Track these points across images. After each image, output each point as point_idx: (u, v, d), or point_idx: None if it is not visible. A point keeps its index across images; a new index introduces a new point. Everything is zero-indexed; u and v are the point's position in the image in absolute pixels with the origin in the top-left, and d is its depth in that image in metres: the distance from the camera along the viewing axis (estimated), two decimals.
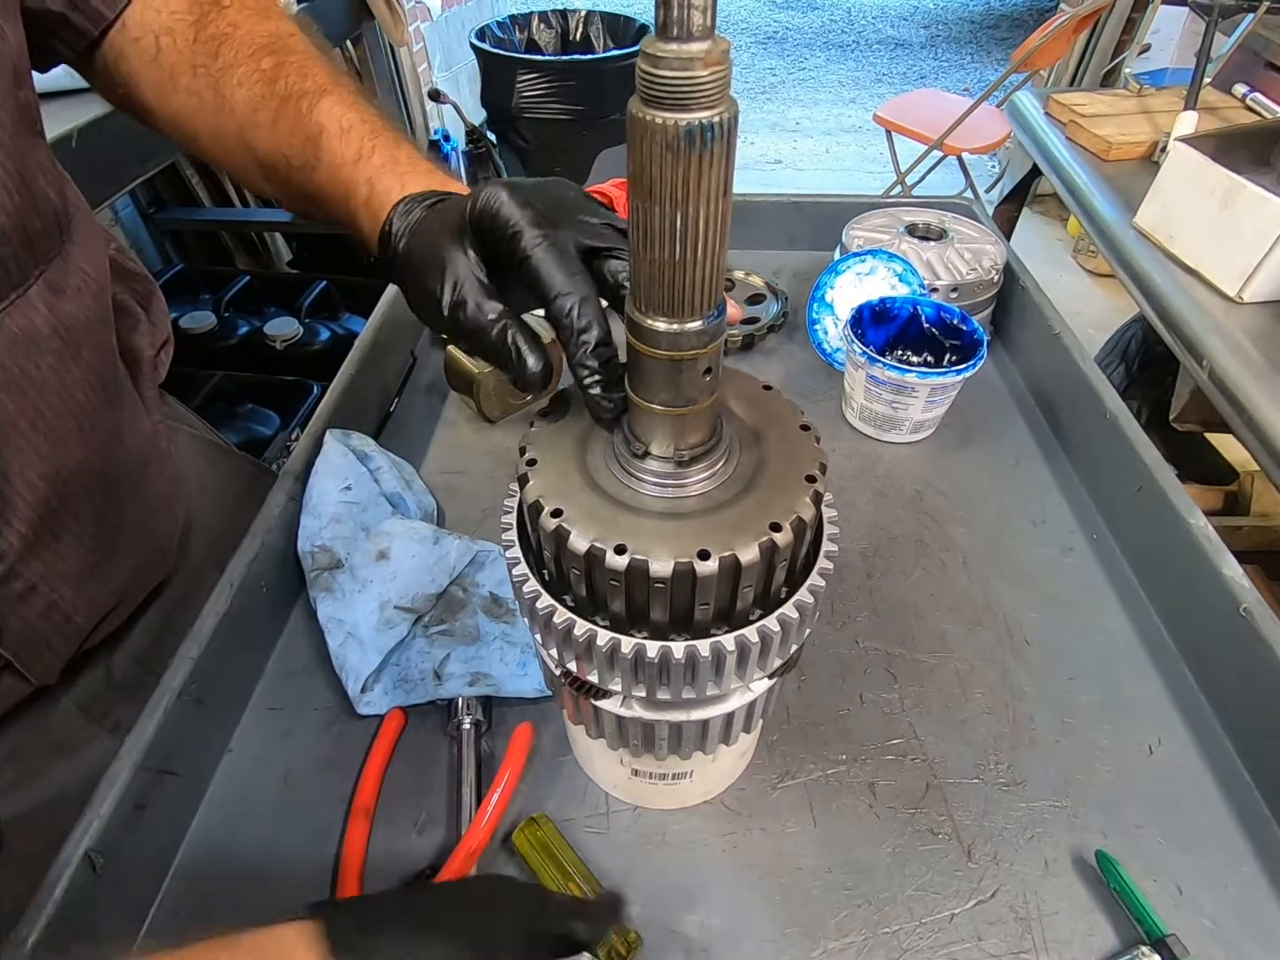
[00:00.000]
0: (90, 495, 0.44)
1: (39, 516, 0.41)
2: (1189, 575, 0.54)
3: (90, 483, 0.44)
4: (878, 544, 0.63)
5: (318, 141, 0.41)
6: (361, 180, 0.40)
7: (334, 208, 0.42)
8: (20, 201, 0.36)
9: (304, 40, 0.46)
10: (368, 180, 0.40)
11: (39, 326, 0.39)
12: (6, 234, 0.36)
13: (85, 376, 0.43)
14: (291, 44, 0.45)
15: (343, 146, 0.41)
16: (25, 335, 0.38)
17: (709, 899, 0.43)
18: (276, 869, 0.45)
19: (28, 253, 0.38)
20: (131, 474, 0.48)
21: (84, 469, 0.43)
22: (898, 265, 0.77)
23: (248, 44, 0.44)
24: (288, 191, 0.45)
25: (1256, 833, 0.46)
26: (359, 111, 0.42)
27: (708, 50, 0.21)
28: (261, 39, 0.44)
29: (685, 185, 0.23)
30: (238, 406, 1.53)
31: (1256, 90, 1.21)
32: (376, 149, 0.41)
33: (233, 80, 0.43)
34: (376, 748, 0.49)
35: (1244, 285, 0.88)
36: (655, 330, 0.27)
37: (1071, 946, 0.41)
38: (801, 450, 0.33)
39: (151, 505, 0.51)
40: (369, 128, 0.42)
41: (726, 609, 0.31)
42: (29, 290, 0.38)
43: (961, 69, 4.50)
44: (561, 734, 0.50)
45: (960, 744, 0.50)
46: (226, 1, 0.45)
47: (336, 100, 0.42)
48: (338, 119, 0.41)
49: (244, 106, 0.43)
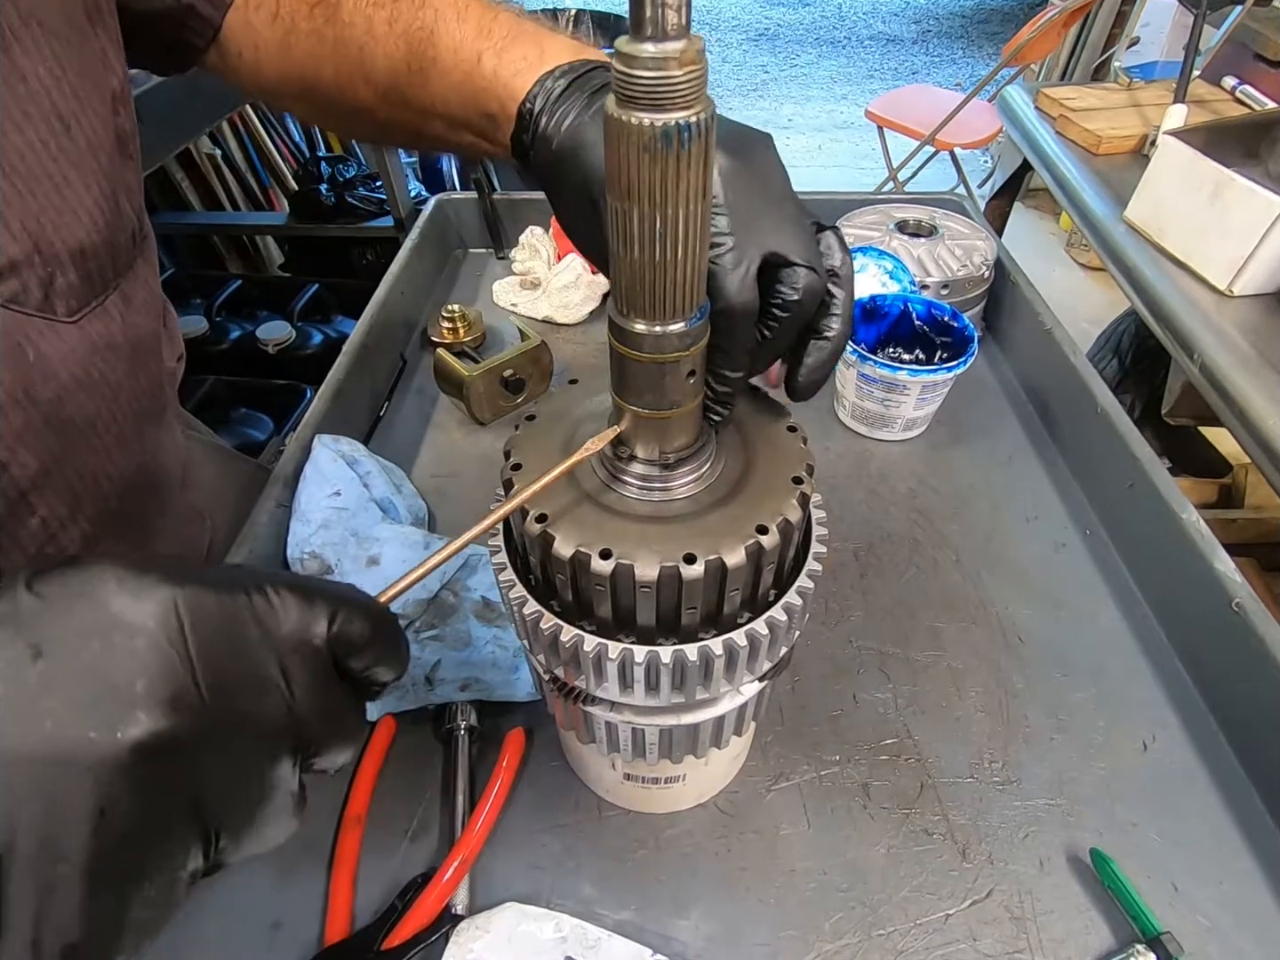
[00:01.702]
0: (144, 499, 0.47)
1: (101, 515, 0.43)
2: (1182, 570, 0.54)
3: (144, 487, 0.46)
4: (871, 542, 0.63)
5: (434, 30, 0.38)
6: (489, 51, 0.36)
7: (455, 107, 0.39)
8: (110, 219, 0.39)
9: None
10: (496, 50, 0.36)
11: (115, 334, 0.41)
12: (96, 249, 0.39)
13: (148, 385, 0.45)
14: None
15: (461, 27, 0.37)
16: (104, 341, 0.41)
17: (703, 903, 0.43)
18: (266, 878, 0.44)
19: (111, 266, 0.40)
20: (172, 483, 0.50)
21: (140, 473, 0.45)
22: (888, 262, 0.77)
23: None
24: (405, 115, 0.42)
25: (1251, 828, 0.46)
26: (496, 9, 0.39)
27: (683, 49, 0.20)
28: None
29: (663, 186, 0.22)
30: (230, 411, 1.53)
31: (1245, 83, 1.22)
32: (498, 20, 0.37)
33: (348, 5, 0.41)
34: (368, 755, 0.48)
35: (1234, 278, 0.88)
36: (637, 333, 0.27)
37: (1066, 946, 0.41)
38: (788, 452, 0.32)
39: (186, 514, 0.53)
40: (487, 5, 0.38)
41: (714, 613, 0.31)
42: (107, 300, 0.41)
43: (953, 64, 4.50)
44: (554, 738, 0.50)
45: (954, 743, 0.50)
46: None
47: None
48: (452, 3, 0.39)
49: (361, 25, 0.41)
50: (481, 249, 1.00)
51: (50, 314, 0.38)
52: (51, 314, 0.38)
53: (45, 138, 0.36)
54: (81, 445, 0.41)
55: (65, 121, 0.36)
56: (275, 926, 0.43)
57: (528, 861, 0.45)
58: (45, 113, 0.35)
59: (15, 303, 0.36)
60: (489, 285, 0.93)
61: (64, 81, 0.36)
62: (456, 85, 0.39)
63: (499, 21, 0.38)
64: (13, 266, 0.35)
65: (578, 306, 0.86)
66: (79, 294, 0.39)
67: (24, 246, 0.36)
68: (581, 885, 0.44)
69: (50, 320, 0.38)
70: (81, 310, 0.39)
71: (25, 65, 0.34)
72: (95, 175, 0.38)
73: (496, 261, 0.99)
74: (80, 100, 0.37)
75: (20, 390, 0.37)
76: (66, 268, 0.38)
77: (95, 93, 0.39)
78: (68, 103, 0.36)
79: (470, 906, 0.42)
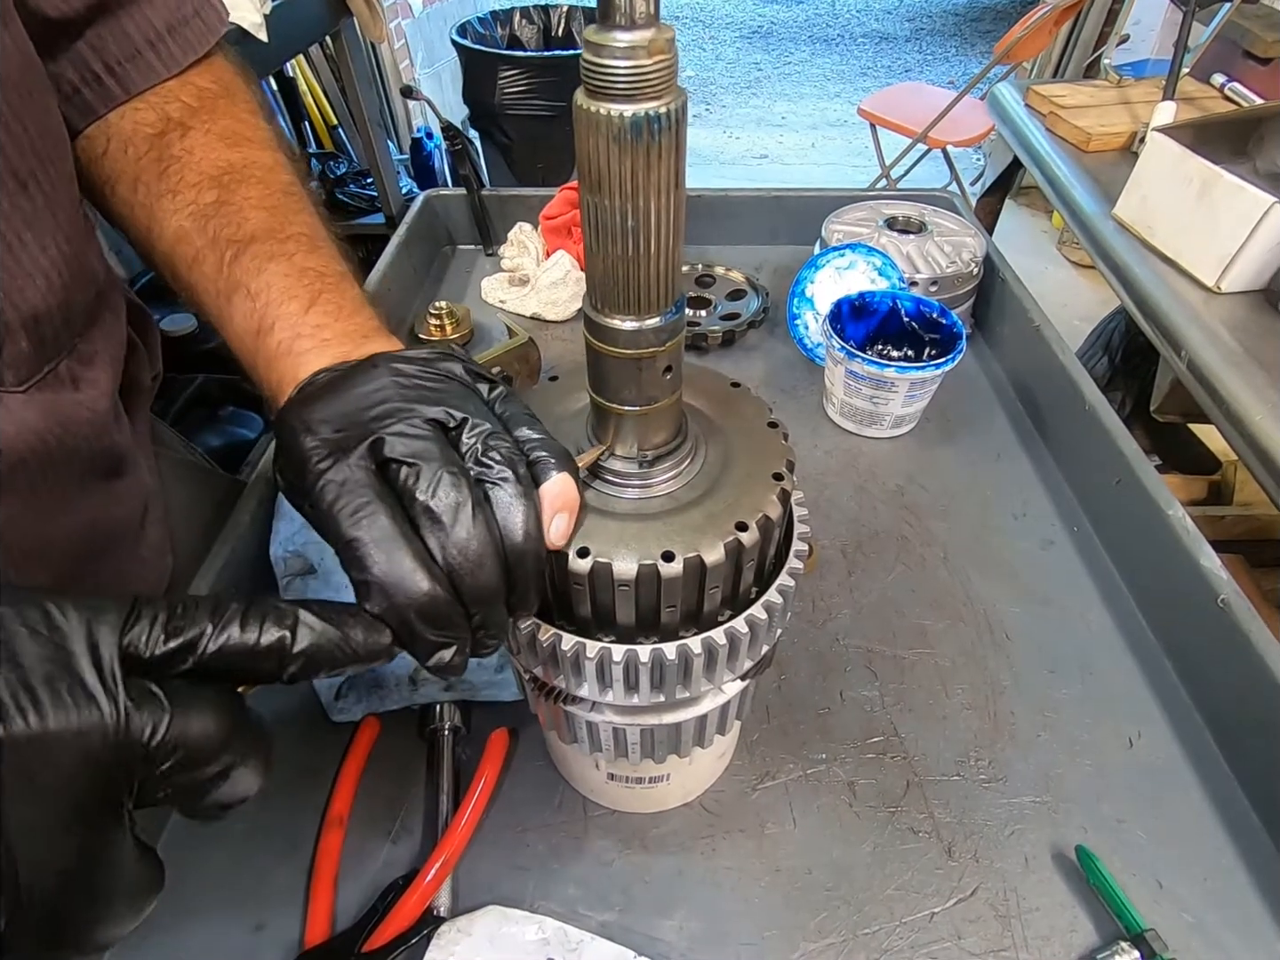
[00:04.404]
0: (95, 553, 0.44)
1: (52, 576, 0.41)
2: (1168, 567, 0.54)
3: (96, 542, 0.44)
4: (858, 540, 0.63)
5: (229, 299, 0.38)
6: (260, 364, 0.36)
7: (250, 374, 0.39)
8: (68, 280, 0.37)
9: (269, 170, 0.43)
10: (267, 363, 0.36)
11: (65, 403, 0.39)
12: (52, 313, 0.37)
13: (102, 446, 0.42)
14: (247, 176, 0.41)
15: (247, 314, 0.37)
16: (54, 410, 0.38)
17: (688, 903, 0.43)
18: (248, 880, 0.44)
19: (66, 329, 0.38)
20: (127, 532, 0.48)
21: (91, 529, 0.43)
22: (877, 259, 0.77)
23: (196, 172, 0.41)
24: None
25: (1236, 824, 0.46)
26: (283, 264, 0.38)
27: (652, 38, 0.20)
28: (213, 169, 0.41)
29: (634, 178, 0.22)
30: (219, 410, 1.51)
31: (1234, 80, 1.22)
32: (279, 321, 0.36)
33: (169, 206, 0.40)
34: (351, 756, 0.48)
35: (1222, 275, 0.89)
36: (613, 328, 0.26)
37: (1051, 943, 0.41)
38: (769, 448, 0.32)
39: (148, 554, 0.50)
40: (285, 286, 0.37)
41: (694, 611, 0.30)
42: (60, 365, 0.38)
43: (946, 62, 4.51)
44: (539, 738, 0.49)
45: (940, 741, 0.50)
46: (193, 123, 0.43)
47: (260, 254, 0.38)
48: (253, 276, 0.38)
49: (171, 237, 0.40)
50: (470, 245, 1.00)
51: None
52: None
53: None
54: (33, 515, 0.38)
55: (20, 179, 0.34)
56: (258, 929, 0.42)
57: (511, 862, 0.44)
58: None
59: None
60: (478, 282, 0.92)
61: (21, 138, 0.34)
62: (243, 365, 0.39)
63: (278, 324, 0.36)
64: None
65: (566, 303, 0.86)
66: (29, 362, 0.36)
67: None
68: (566, 886, 0.43)
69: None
70: (31, 379, 0.37)
71: None
72: (53, 234, 0.36)
73: (485, 258, 0.98)
74: (40, 157, 0.35)
75: None
76: (17, 335, 0.35)
77: (55, 149, 0.37)
78: (25, 160, 0.34)
79: (453, 908, 0.42)
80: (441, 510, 0.26)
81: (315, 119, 2.34)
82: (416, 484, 0.26)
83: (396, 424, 0.27)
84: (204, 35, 0.44)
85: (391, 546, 0.25)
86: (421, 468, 0.26)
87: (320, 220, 0.42)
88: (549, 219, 0.89)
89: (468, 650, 0.27)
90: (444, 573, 0.26)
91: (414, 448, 0.27)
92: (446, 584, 0.26)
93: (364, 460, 0.26)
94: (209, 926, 0.42)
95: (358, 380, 0.29)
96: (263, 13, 1.16)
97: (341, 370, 0.31)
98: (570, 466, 0.28)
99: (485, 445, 0.27)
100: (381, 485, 0.26)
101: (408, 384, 0.29)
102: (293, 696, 0.52)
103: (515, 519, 0.27)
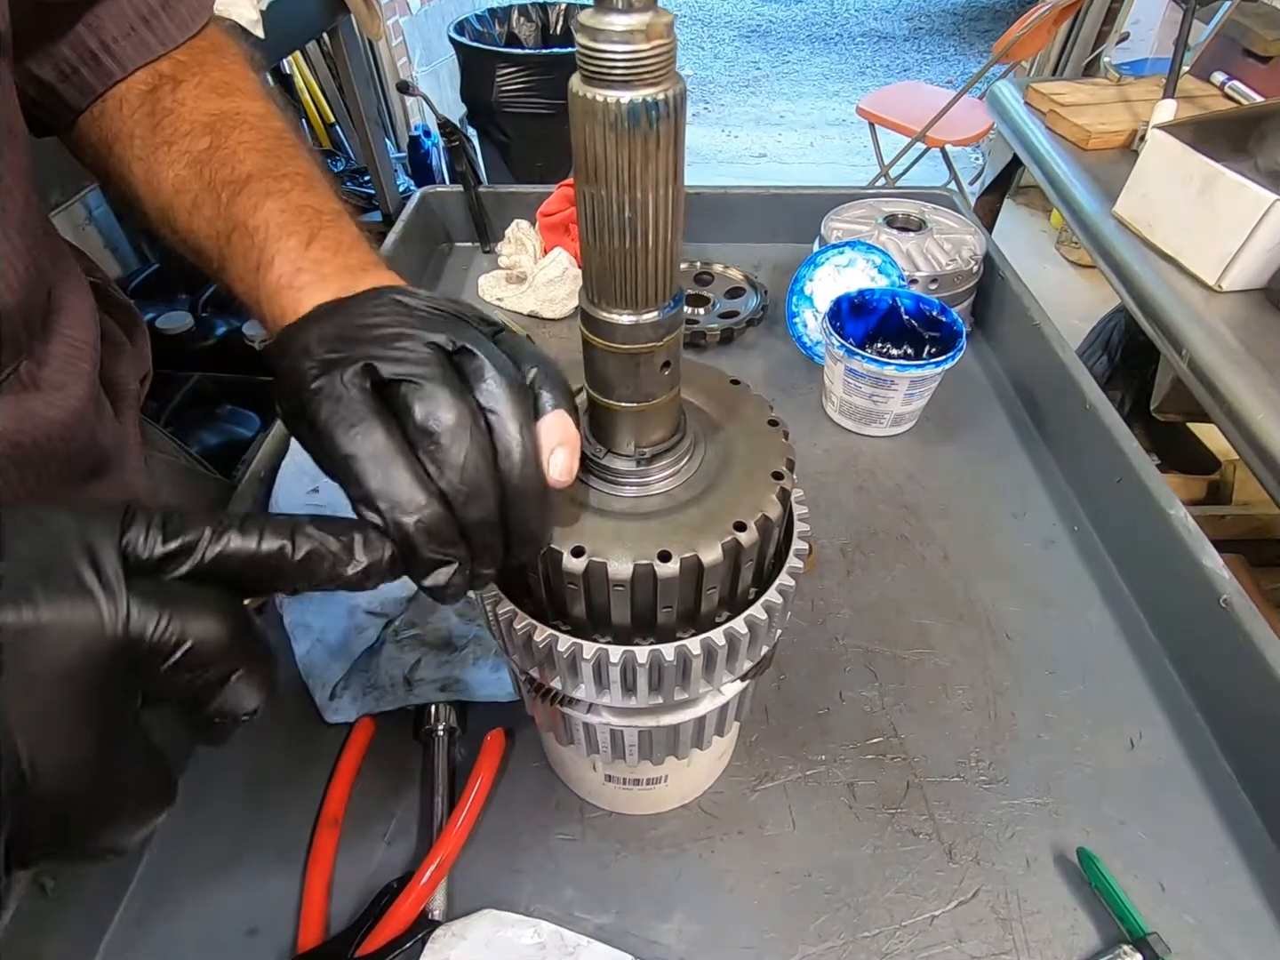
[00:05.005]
0: None
1: None
2: (1169, 567, 0.53)
3: None
4: (858, 539, 0.62)
5: (229, 239, 0.38)
6: (262, 299, 0.36)
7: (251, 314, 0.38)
8: (26, 277, 0.36)
9: (261, 117, 0.42)
10: (268, 298, 0.35)
11: (32, 406, 0.38)
12: (10, 314, 0.36)
13: (80, 446, 0.42)
14: (240, 121, 0.41)
15: (246, 251, 0.37)
16: (20, 414, 0.37)
17: (686, 906, 0.42)
18: (241, 883, 0.43)
19: (24, 329, 0.38)
20: None
21: None
22: (876, 257, 0.76)
23: (188, 121, 0.41)
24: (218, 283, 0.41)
25: (1238, 826, 0.45)
26: (279, 200, 0.38)
27: (650, 22, 0.19)
28: (205, 117, 0.41)
29: (631, 168, 0.21)
30: (216, 408, 1.50)
31: (1235, 78, 1.21)
32: (279, 255, 0.36)
33: (165, 158, 0.40)
34: (345, 757, 0.47)
35: (1223, 274, 0.88)
36: (610, 322, 0.26)
37: (1053, 946, 0.41)
38: (769, 446, 0.32)
39: None
40: (283, 222, 0.37)
41: (691, 611, 0.30)
42: (19, 368, 0.38)
43: (945, 61, 4.50)
44: (536, 739, 0.49)
45: (941, 741, 0.49)
46: (183, 76, 0.43)
47: (256, 191, 0.38)
48: (250, 213, 0.37)
49: (169, 188, 0.40)
50: (467, 243, 0.99)
51: None
52: None
53: None
54: None
55: None
56: (251, 932, 0.42)
57: (507, 865, 0.44)
58: None
59: None
60: (474, 279, 0.91)
61: None
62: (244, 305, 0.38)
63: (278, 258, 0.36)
64: None
65: (563, 301, 0.85)
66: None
67: None
68: (562, 888, 0.43)
69: None
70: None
71: None
72: (6, 233, 0.35)
73: (482, 255, 0.98)
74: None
75: None
76: None
77: (12, 143, 0.36)
78: None
79: (448, 911, 0.42)
80: (440, 430, 0.25)
81: (312, 116, 2.33)
82: (414, 403, 0.25)
83: (396, 344, 0.26)
84: (197, 11, 0.44)
85: (388, 461, 0.24)
86: (421, 386, 0.25)
87: (315, 163, 0.42)
88: (546, 216, 0.88)
89: (468, 572, 0.26)
90: (440, 493, 0.25)
91: (412, 367, 0.26)
92: (443, 502, 0.25)
93: (359, 378, 0.26)
94: (201, 929, 0.42)
95: (357, 306, 0.29)
96: (259, 9, 1.15)
97: (342, 299, 0.31)
98: (569, 403, 0.28)
99: (486, 372, 0.26)
100: (378, 403, 0.26)
101: (408, 313, 0.28)
102: (287, 697, 0.51)
103: (512, 447, 0.26)
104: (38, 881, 0.36)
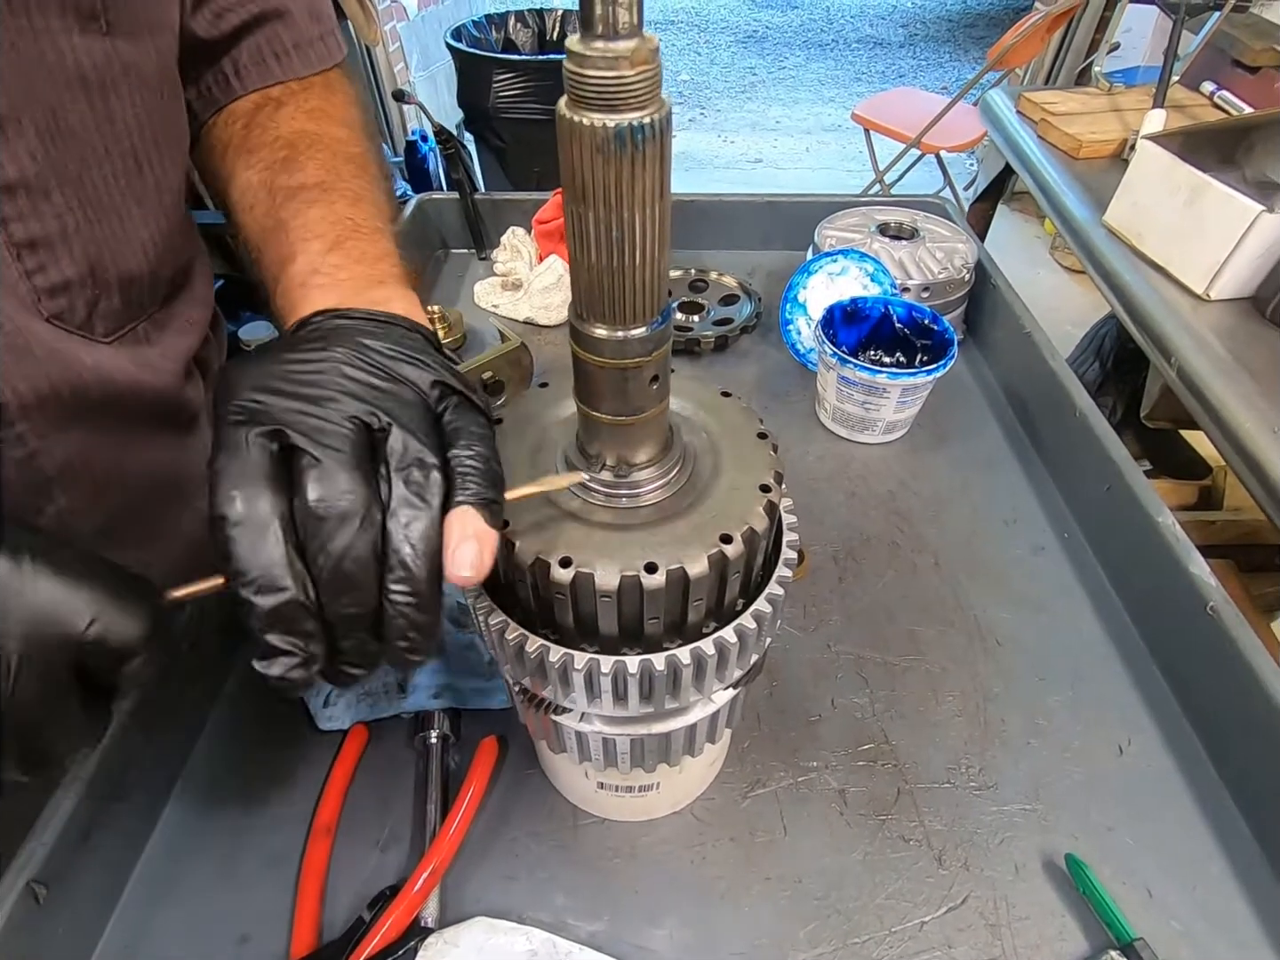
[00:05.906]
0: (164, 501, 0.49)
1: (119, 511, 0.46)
2: (1158, 574, 0.54)
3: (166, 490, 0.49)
4: (850, 546, 0.63)
5: (269, 235, 0.41)
6: (278, 293, 0.38)
7: None
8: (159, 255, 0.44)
9: (340, 141, 0.46)
10: (283, 293, 0.37)
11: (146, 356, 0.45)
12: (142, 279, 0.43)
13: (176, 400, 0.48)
14: (317, 140, 0.45)
15: (278, 247, 0.40)
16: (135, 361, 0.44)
17: (678, 912, 0.43)
18: (234, 890, 0.43)
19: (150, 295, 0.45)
20: (194, 488, 0.51)
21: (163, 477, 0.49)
22: (869, 265, 0.77)
23: (273, 134, 0.46)
24: None
25: (1225, 832, 0.46)
26: (323, 209, 0.40)
27: (635, 49, 0.20)
28: (290, 135, 0.45)
29: (618, 189, 0.22)
30: None
31: (1224, 88, 1.23)
32: (300, 255, 0.38)
33: (246, 163, 0.45)
34: (339, 764, 0.47)
35: (1211, 283, 0.89)
36: (597, 338, 0.26)
37: (1041, 952, 0.41)
38: (757, 459, 0.32)
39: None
40: (316, 227, 0.39)
41: (678, 622, 0.30)
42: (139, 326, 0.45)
43: (940, 67, 4.53)
44: (529, 746, 0.49)
45: (931, 748, 0.50)
46: (287, 100, 0.48)
47: (307, 199, 0.41)
48: (293, 215, 0.41)
49: (240, 187, 0.45)
50: (463, 249, 1.00)
51: (89, 333, 0.41)
52: (90, 333, 0.41)
53: (119, 174, 0.40)
54: (107, 448, 0.44)
55: (139, 161, 0.41)
56: (243, 940, 0.42)
57: (500, 872, 0.44)
58: (124, 151, 0.39)
59: (59, 319, 0.39)
60: (470, 286, 0.92)
61: (146, 127, 0.40)
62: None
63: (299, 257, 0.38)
64: (65, 286, 0.39)
65: (559, 308, 0.86)
66: (118, 317, 0.42)
67: (80, 269, 0.39)
68: (555, 895, 0.43)
69: (88, 339, 0.41)
70: (117, 332, 0.43)
71: (116, 109, 0.38)
72: (155, 213, 0.43)
73: (478, 262, 0.98)
74: (158, 146, 0.42)
75: (55, 392, 0.39)
76: (112, 292, 0.41)
77: (173, 142, 0.44)
78: (145, 146, 0.41)
79: (440, 919, 0.42)
80: (327, 515, 0.23)
81: None
82: (308, 481, 0.24)
83: (317, 408, 0.25)
84: (324, 57, 0.51)
85: (257, 533, 0.23)
86: (320, 464, 0.24)
87: (377, 186, 0.46)
88: (542, 223, 0.89)
89: (313, 670, 0.25)
90: (311, 580, 0.24)
91: (320, 441, 0.24)
92: (307, 591, 0.24)
93: (264, 439, 0.24)
94: (192, 937, 0.42)
95: (308, 350, 0.28)
96: None
97: (315, 328, 0.30)
98: (494, 494, 0.26)
99: (397, 458, 0.25)
100: (276, 469, 0.24)
101: (354, 372, 0.27)
102: (278, 705, 0.51)
103: (400, 542, 0.24)
104: (30, 891, 0.36)
